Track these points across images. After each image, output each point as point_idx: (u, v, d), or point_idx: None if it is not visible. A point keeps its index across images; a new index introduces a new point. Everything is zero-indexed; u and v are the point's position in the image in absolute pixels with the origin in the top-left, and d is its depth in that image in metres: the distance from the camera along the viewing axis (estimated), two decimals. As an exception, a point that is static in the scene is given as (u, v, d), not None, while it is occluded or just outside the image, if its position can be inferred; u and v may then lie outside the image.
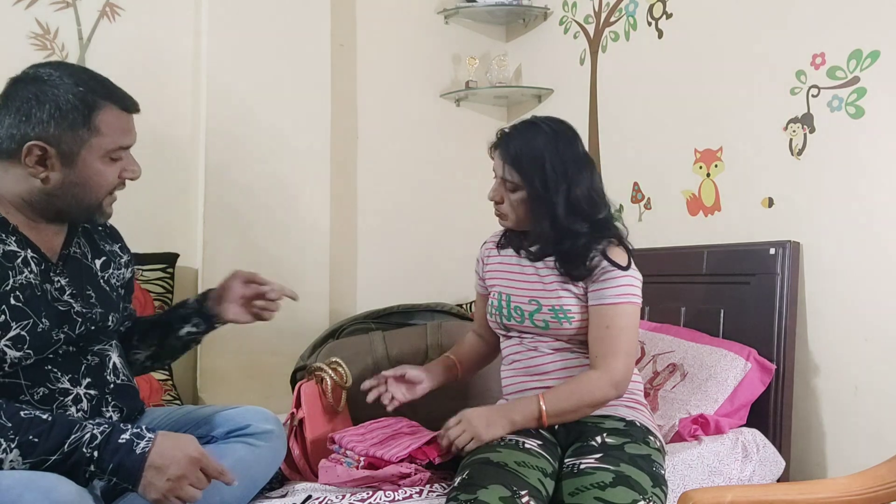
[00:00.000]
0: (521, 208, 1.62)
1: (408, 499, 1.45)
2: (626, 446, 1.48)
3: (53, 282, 1.34)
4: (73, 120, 1.28)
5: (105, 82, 1.35)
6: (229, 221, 2.45)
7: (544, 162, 1.57)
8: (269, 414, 1.51)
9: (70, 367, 1.34)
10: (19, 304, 1.27)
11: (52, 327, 1.30)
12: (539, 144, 1.59)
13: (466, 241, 2.93)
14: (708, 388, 1.97)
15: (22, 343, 1.26)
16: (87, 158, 1.31)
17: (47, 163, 1.29)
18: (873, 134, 1.92)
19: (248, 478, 1.42)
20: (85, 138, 1.29)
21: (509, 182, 1.61)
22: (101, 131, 1.31)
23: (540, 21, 2.99)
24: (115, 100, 1.34)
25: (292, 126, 2.55)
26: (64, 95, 1.28)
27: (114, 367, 1.43)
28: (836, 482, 1.32)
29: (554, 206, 1.56)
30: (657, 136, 2.51)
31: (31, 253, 1.32)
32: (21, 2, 2.24)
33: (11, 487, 1.09)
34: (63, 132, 1.28)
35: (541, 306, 1.61)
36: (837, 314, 1.99)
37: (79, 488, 1.14)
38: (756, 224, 2.18)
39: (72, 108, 1.28)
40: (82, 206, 1.35)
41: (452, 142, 3.03)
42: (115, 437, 1.18)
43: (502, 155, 1.62)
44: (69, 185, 1.31)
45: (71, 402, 1.33)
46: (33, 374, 1.30)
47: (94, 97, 1.30)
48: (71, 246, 1.41)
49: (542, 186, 1.57)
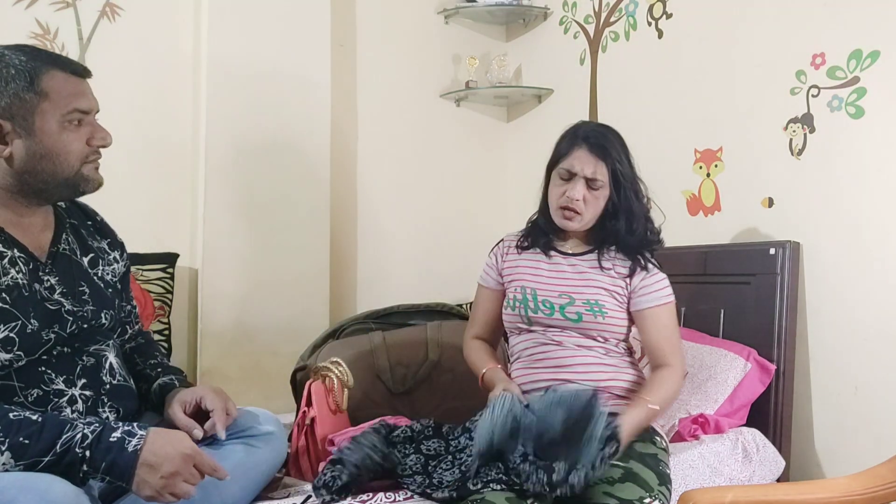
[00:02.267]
0: (598, 207, 1.65)
1: (408, 499, 1.45)
2: (634, 445, 1.50)
3: (42, 281, 1.32)
4: (17, 87, 1.25)
5: (49, 52, 1.33)
6: (229, 221, 2.45)
7: (629, 161, 1.66)
8: (271, 416, 1.51)
9: (65, 368, 1.32)
10: (6, 306, 1.24)
11: (42, 327, 1.28)
12: (623, 144, 1.67)
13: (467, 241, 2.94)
14: (708, 388, 1.97)
15: (11, 345, 1.24)
16: (44, 126, 1.27)
17: (6, 138, 1.27)
18: (873, 134, 1.92)
19: (249, 479, 1.41)
20: (34, 103, 1.26)
21: (598, 180, 1.62)
22: (49, 96, 1.27)
23: (540, 21, 2.99)
24: (59, 65, 1.31)
25: (292, 126, 2.55)
26: (4, 68, 1.26)
27: (110, 367, 1.40)
28: (836, 482, 1.32)
29: (632, 203, 1.65)
30: (657, 136, 2.50)
31: (17, 252, 1.30)
32: (21, 2, 2.24)
33: (6, 489, 1.08)
34: (11, 101, 1.25)
35: (573, 300, 1.63)
36: (837, 314, 2.00)
37: (75, 489, 1.13)
38: (756, 224, 2.18)
39: (14, 76, 1.25)
40: (59, 179, 1.32)
41: (452, 142, 3.03)
42: (107, 436, 1.17)
43: (596, 152, 1.63)
44: (35, 157, 1.28)
45: (66, 404, 1.31)
46: (27, 376, 1.28)
47: (37, 62, 1.28)
48: (59, 243, 1.38)
49: (626, 184, 1.64)
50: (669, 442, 1.80)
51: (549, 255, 1.71)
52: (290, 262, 2.51)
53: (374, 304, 2.80)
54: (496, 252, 1.80)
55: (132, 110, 2.37)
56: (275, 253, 2.49)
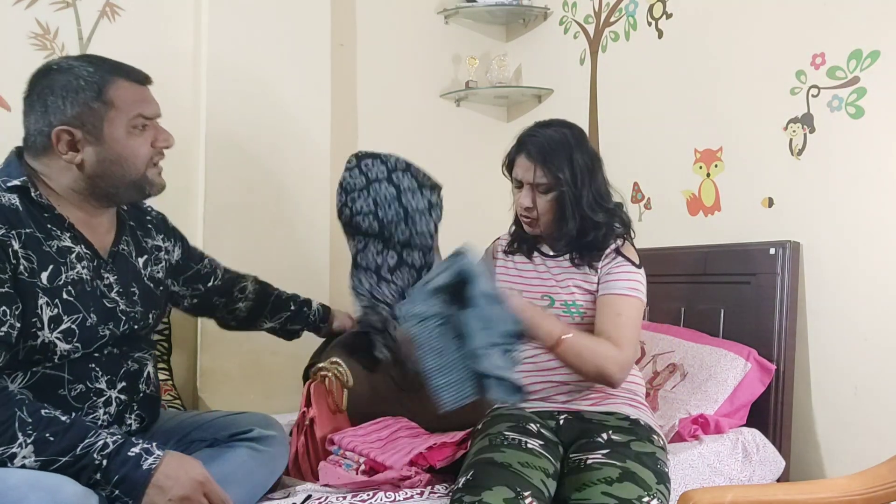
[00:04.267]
0: (552, 210, 1.64)
1: (409, 499, 1.45)
2: (631, 444, 1.50)
3: (103, 278, 1.38)
4: (86, 97, 1.32)
5: (112, 61, 1.40)
6: (229, 221, 2.44)
7: (572, 159, 1.61)
8: (273, 419, 1.52)
9: (111, 369, 1.37)
10: (70, 299, 1.30)
11: (99, 322, 1.34)
12: (564, 142, 1.63)
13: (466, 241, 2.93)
14: (708, 388, 1.97)
15: (71, 336, 1.29)
16: (112, 133, 1.34)
17: (77, 146, 1.33)
18: (873, 134, 1.92)
19: (251, 482, 1.42)
20: (103, 113, 1.33)
21: (541, 184, 1.62)
22: (116, 104, 1.34)
23: (540, 21, 2.99)
24: (122, 73, 1.38)
25: (292, 126, 2.55)
26: (74, 79, 1.32)
27: (147, 376, 1.45)
28: (836, 482, 1.32)
29: (582, 200, 1.61)
30: (657, 136, 2.51)
31: (84, 249, 1.36)
32: (21, 2, 2.24)
33: (17, 487, 1.09)
34: (81, 111, 1.32)
35: (553, 301, 1.65)
36: (837, 314, 2.00)
37: (84, 490, 1.14)
38: (756, 224, 2.18)
39: (82, 87, 1.32)
40: (127, 182, 1.38)
41: (452, 142, 3.03)
42: (126, 449, 1.19)
43: (532, 158, 1.62)
44: (105, 163, 1.35)
45: (102, 404, 1.35)
46: (78, 369, 1.32)
47: (102, 73, 1.35)
48: (120, 244, 1.45)
49: (573, 183, 1.60)
50: (669, 442, 1.81)
51: (532, 258, 1.73)
52: (291, 261, 2.51)
53: (374, 303, 2.81)
54: (491, 250, 1.84)
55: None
56: (275, 253, 2.49)
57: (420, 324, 1.44)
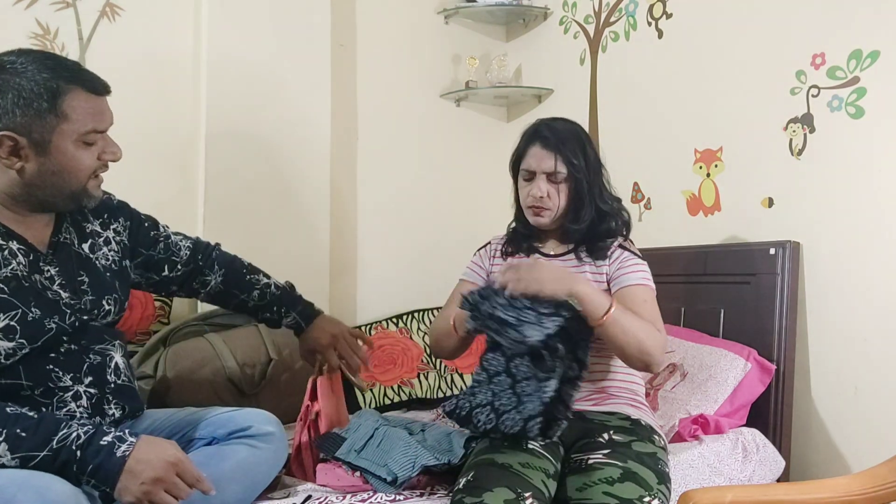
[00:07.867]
0: (565, 200, 1.66)
1: (409, 500, 1.45)
2: (632, 444, 1.50)
3: (43, 271, 1.33)
4: (39, 107, 1.24)
5: (71, 65, 1.30)
6: (229, 221, 2.44)
7: (585, 149, 1.65)
8: (271, 416, 1.51)
9: (72, 366, 1.34)
10: (5, 296, 1.25)
11: (44, 316, 1.29)
12: (576, 134, 1.68)
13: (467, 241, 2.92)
14: (708, 388, 1.97)
15: (13, 333, 1.25)
16: (61, 145, 1.27)
17: (21, 153, 1.26)
18: (873, 134, 1.92)
19: (250, 479, 1.41)
20: (54, 124, 1.25)
21: (559, 174, 1.64)
22: (70, 117, 1.26)
23: (540, 21, 2.99)
24: (81, 82, 1.29)
25: (292, 126, 2.55)
26: (27, 83, 1.24)
27: (115, 366, 1.42)
28: (836, 482, 1.32)
29: (594, 189, 1.66)
30: (657, 136, 2.51)
31: (16, 245, 1.31)
32: (21, 2, 2.24)
33: (6, 487, 1.09)
34: (30, 120, 1.24)
35: None
36: (837, 314, 2.00)
37: (74, 489, 1.14)
38: (756, 224, 2.18)
39: (36, 95, 1.24)
40: (65, 194, 1.32)
41: (452, 142, 3.03)
42: (98, 439, 1.18)
43: (551, 146, 1.64)
44: (47, 173, 1.28)
45: (71, 399, 1.33)
46: (35, 374, 1.29)
47: (59, 82, 1.26)
48: (60, 234, 1.39)
49: (588, 173, 1.64)
50: (669, 442, 1.81)
51: (530, 257, 1.72)
52: (290, 261, 2.50)
53: (375, 302, 2.82)
54: (483, 253, 1.82)
55: (132, 110, 2.36)
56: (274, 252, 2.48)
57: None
